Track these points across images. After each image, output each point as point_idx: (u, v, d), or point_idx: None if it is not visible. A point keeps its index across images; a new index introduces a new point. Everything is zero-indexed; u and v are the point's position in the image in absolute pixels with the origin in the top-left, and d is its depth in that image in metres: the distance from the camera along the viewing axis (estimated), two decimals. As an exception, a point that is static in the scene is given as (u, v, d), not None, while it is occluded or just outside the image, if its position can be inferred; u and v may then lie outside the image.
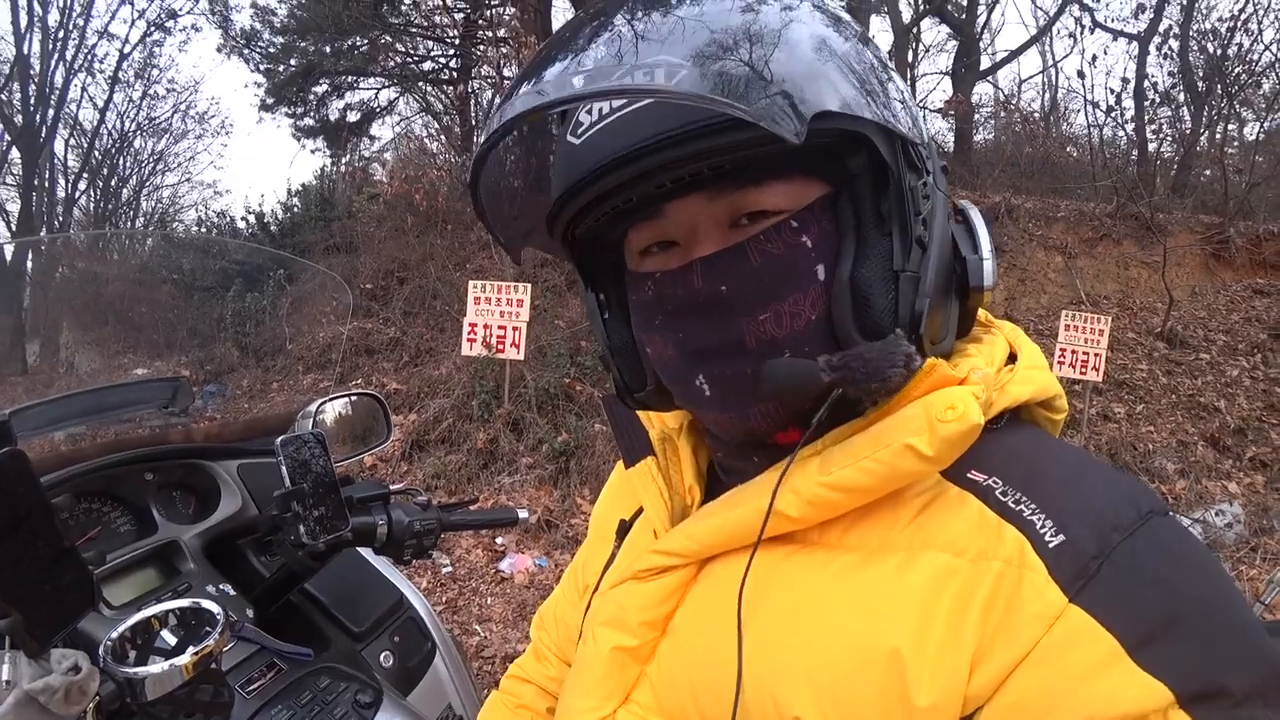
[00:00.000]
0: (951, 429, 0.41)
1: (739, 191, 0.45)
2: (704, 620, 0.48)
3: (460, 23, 9.08)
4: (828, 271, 0.46)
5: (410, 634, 1.14)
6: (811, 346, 0.45)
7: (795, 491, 0.45)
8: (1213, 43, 8.46)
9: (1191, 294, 6.99)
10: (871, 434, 0.44)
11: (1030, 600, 0.38)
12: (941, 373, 0.44)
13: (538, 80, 0.41)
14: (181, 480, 1.14)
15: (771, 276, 0.45)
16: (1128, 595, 0.37)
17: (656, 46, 0.39)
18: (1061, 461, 0.45)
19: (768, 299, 0.46)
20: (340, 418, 1.32)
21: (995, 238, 0.52)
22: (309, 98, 10.41)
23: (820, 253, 0.46)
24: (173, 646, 0.67)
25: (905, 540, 0.43)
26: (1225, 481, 4.68)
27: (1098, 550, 0.39)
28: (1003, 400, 0.47)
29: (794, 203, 0.46)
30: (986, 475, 0.44)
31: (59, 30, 11.23)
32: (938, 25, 10.67)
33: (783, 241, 0.45)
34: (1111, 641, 0.36)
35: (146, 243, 5.36)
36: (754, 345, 0.46)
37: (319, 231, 8.67)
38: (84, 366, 3.43)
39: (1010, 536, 0.40)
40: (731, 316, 0.46)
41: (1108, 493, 0.42)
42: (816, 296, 0.45)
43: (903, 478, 0.43)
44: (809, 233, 0.45)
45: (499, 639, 3.11)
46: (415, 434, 4.86)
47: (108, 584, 0.93)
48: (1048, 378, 0.51)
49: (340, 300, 1.74)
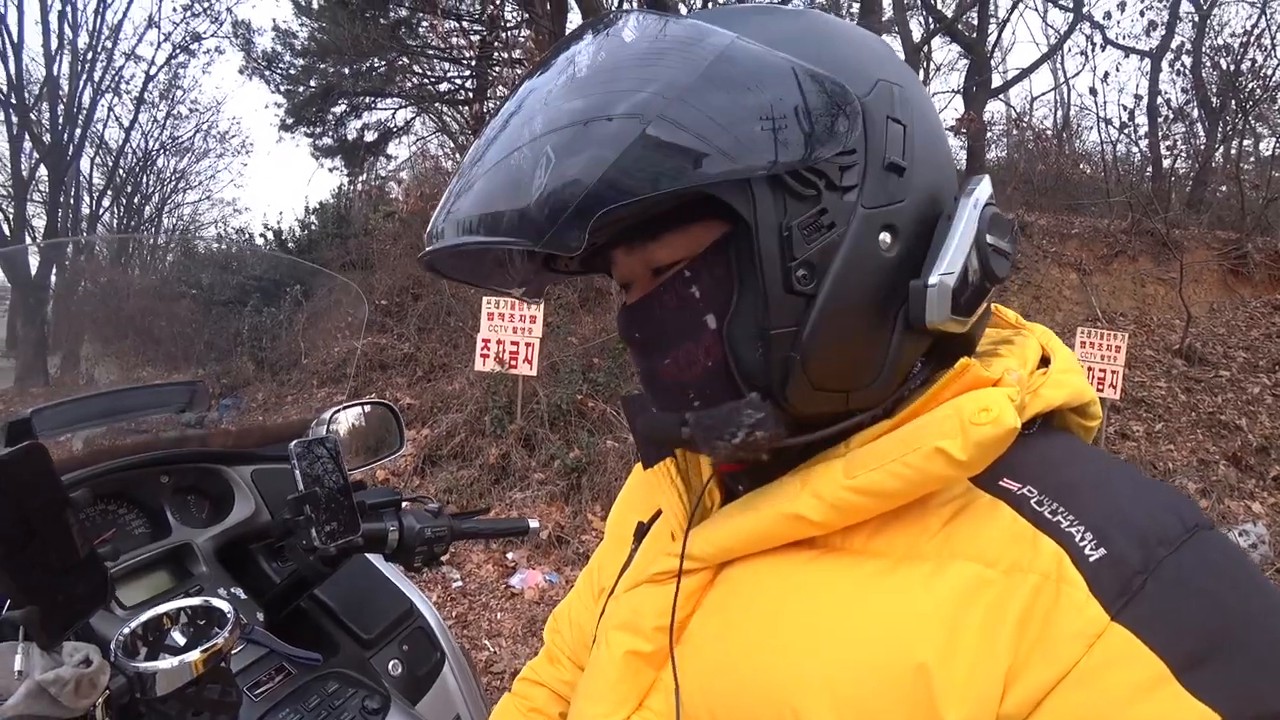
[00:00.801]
0: (985, 432, 0.39)
1: (643, 246, 0.48)
2: (720, 625, 0.48)
3: (476, 44, 9.24)
4: (718, 320, 0.45)
5: (419, 643, 1.14)
6: (712, 390, 0.46)
7: (818, 495, 0.44)
8: (1226, 59, 8.44)
9: (1210, 310, 6.90)
10: (900, 436, 0.43)
11: (1069, 617, 0.36)
12: (974, 374, 0.43)
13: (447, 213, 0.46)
14: (196, 484, 1.15)
15: (665, 328, 0.48)
16: (1174, 614, 0.35)
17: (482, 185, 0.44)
18: (1099, 470, 0.43)
19: (667, 347, 0.48)
20: (354, 427, 1.33)
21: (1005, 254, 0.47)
22: (328, 118, 10.63)
23: (709, 302, 0.46)
24: (183, 644, 0.67)
25: (934, 549, 0.42)
26: (1249, 501, 4.58)
27: (1141, 565, 0.37)
28: (1036, 404, 0.45)
29: (691, 249, 0.46)
30: (1020, 483, 0.42)
31: (88, 52, 11.56)
32: (948, 44, 10.74)
33: (675, 294, 0.47)
34: (1157, 663, 0.34)
35: (167, 257, 5.46)
36: (667, 384, 0.49)
37: (336, 248, 8.78)
38: (103, 378, 3.48)
39: (1047, 549, 0.38)
40: (647, 359, 0.50)
41: (1150, 504, 0.40)
42: (710, 345, 0.46)
43: (933, 483, 0.41)
44: (699, 282, 0.46)
45: (509, 654, 3.08)
46: (428, 449, 4.88)
47: (121, 585, 0.94)
48: (1082, 382, 0.49)
49: (356, 313, 1.76)
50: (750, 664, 0.44)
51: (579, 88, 0.42)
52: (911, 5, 9.64)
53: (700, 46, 0.41)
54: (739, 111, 0.39)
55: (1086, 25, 9.61)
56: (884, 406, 0.47)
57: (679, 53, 0.41)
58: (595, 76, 0.42)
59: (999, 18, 10.31)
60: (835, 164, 0.42)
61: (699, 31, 0.42)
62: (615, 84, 0.41)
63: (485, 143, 0.46)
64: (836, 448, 0.46)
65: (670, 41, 0.41)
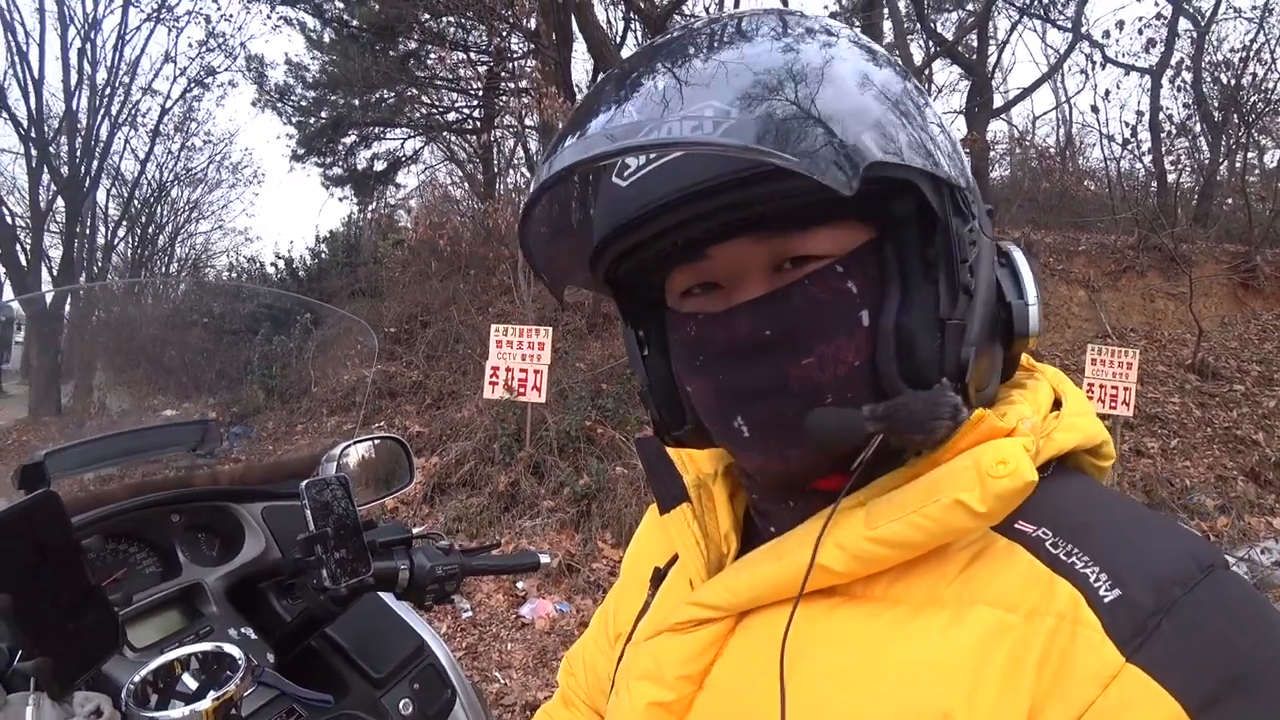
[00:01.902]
0: (1004, 485, 0.40)
1: (784, 236, 0.45)
2: (743, 675, 0.47)
3: (483, 75, 9.42)
4: (872, 318, 0.45)
5: (430, 681, 1.12)
6: (855, 392, 0.45)
7: (840, 545, 0.44)
8: (1226, 73, 8.48)
9: (1221, 324, 6.85)
10: (919, 487, 0.43)
11: (1085, 658, 0.36)
12: (990, 424, 0.43)
13: (583, 133, 0.41)
14: (207, 522, 1.15)
15: (815, 321, 0.45)
16: (1190, 654, 0.35)
17: (702, 92, 0.39)
18: (1113, 512, 0.44)
19: (812, 344, 0.45)
20: (363, 461, 1.33)
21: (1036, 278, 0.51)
22: (338, 148, 10.82)
23: (865, 298, 0.45)
24: (194, 690, 0.66)
25: (953, 594, 0.42)
26: (1269, 517, 4.50)
27: (1156, 605, 0.37)
28: (1049, 449, 0.45)
29: (839, 248, 0.45)
30: (1035, 526, 0.42)
31: (106, 87, 11.82)
32: (949, 66, 10.84)
33: (827, 286, 0.45)
34: (1173, 704, 0.34)
35: (179, 288, 5.53)
36: (797, 390, 0.45)
37: (345, 277, 8.88)
38: (115, 407, 3.51)
39: (1063, 591, 0.38)
40: (775, 360, 0.46)
41: (1164, 545, 0.40)
42: (861, 342, 0.45)
43: (953, 534, 0.41)
44: (854, 278, 0.45)
45: (519, 686, 3.04)
46: (437, 476, 4.87)
47: (132, 626, 0.94)
48: (1094, 424, 0.49)
49: (365, 344, 1.76)
50: (773, 715, 0.43)
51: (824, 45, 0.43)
52: (912, 29, 9.76)
53: (889, 60, 0.46)
54: (934, 125, 0.45)
55: (1085, 44, 9.69)
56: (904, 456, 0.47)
57: (877, 57, 0.46)
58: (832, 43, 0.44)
59: (998, 39, 10.43)
60: (968, 195, 0.46)
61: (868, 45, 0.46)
62: (866, 56, 0.44)
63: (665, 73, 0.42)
64: (857, 494, 0.46)
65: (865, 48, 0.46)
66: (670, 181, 0.44)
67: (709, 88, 0.39)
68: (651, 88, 0.41)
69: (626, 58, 0.48)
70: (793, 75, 0.39)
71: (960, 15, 10.04)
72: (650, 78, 0.42)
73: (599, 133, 0.40)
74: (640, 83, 0.42)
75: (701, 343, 0.49)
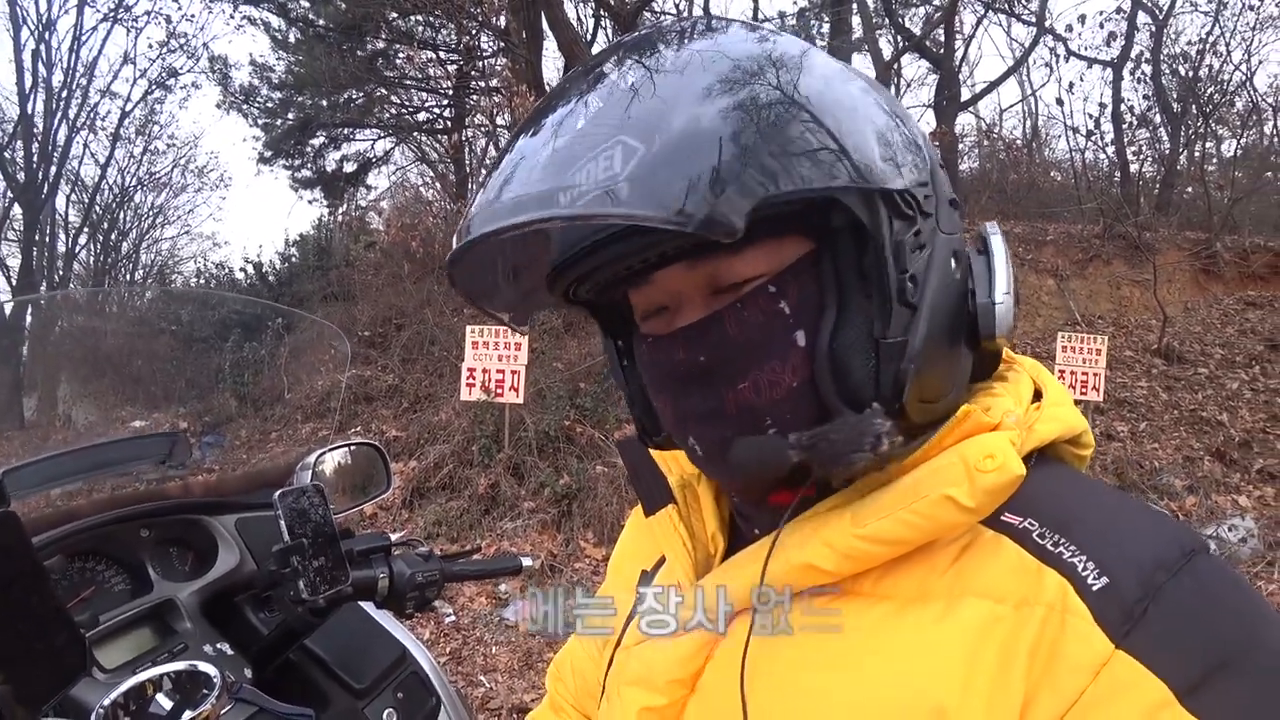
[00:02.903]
0: (992, 480, 0.40)
1: (715, 260, 0.44)
2: (735, 678, 0.46)
3: (453, 74, 9.31)
4: (808, 337, 0.44)
5: (414, 690, 1.11)
6: (794, 414, 0.44)
7: (829, 544, 0.44)
8: (1184, 66, 8.70)
9: (1185, 310, 7.03)
10: (906, 485, 0.43)
11: (1075, 648, 0.37)
12: (975, 420, 0.44)
13: (495, 198, 0.41)
14: (178, 536, 1.12)
15: (748, 345, 0.44)
16: (1176, 639, 0.36)
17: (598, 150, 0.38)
18: (1097, 501, 0.44)
19: (746, 368, 0.44)
20: (340, 468, 1.31)
21: None
22: (306, 150, 10.62)
23: (799, 318, 0.44)
24: (168, 711, 0.65)
25: (944, 587, 0.42)
26: (1235, 495, 4.63)
27: (1142, 592, 0.37)
28: (1031, 440, 0.46)
29: (773, 265, 0.44)
30: (1022, 518, 0.43)
31: (62, 90, 11.49)
32: (918, 60, 10.97)
33: (759, 308, 0.44)
34: (1161, 688, 0.35)
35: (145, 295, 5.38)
36: (734, 413, 0.45)
37: (317, 280, 8.73)
38: (81, 420, 3.40)
39: (1052, 581, 0.39)
40: (712, 385, 0.46)
41: (1148, 532, 0.41)
42: (797, 364, 0.44)
43: (942, 530, 0.42)
44: (786, 297, 0.44)
45: (505, 689, 3.03)
46: (416, 481, 4.82)
47: (101, 646, 0.91)
48: (1074, 414, 0.50)
49: (339, 349, 1.73)
50: (769, 713, 0.44)
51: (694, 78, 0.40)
52: (880, 24, 9.86)
53: (818, 59, 0.43)
54: (869, 129, 0.42)
55: (1049, 38, 9.88)
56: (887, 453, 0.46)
57: (809, 59, 0.43)
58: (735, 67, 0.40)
59: (965, 33, 10.57)
60: (921, 191, 0.44)
61: (806, 48, 0.44)
62: (762, 77, 0.40)
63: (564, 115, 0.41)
64: (845, 492, 0.46)
65: (794, 50, 0.43)
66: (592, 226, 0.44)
67: (603, 145, 0.38)
68: (558, 142, 0.40)
69: (557, 84, 0.48)
70: (693, 118, 0.38)
71: (928, 10, 10.16)
72: (560, 124, 0.41)
73: (505, 204, 0.40)
74: (550, 130, 0.42)
75: (655, 363, 0.49)
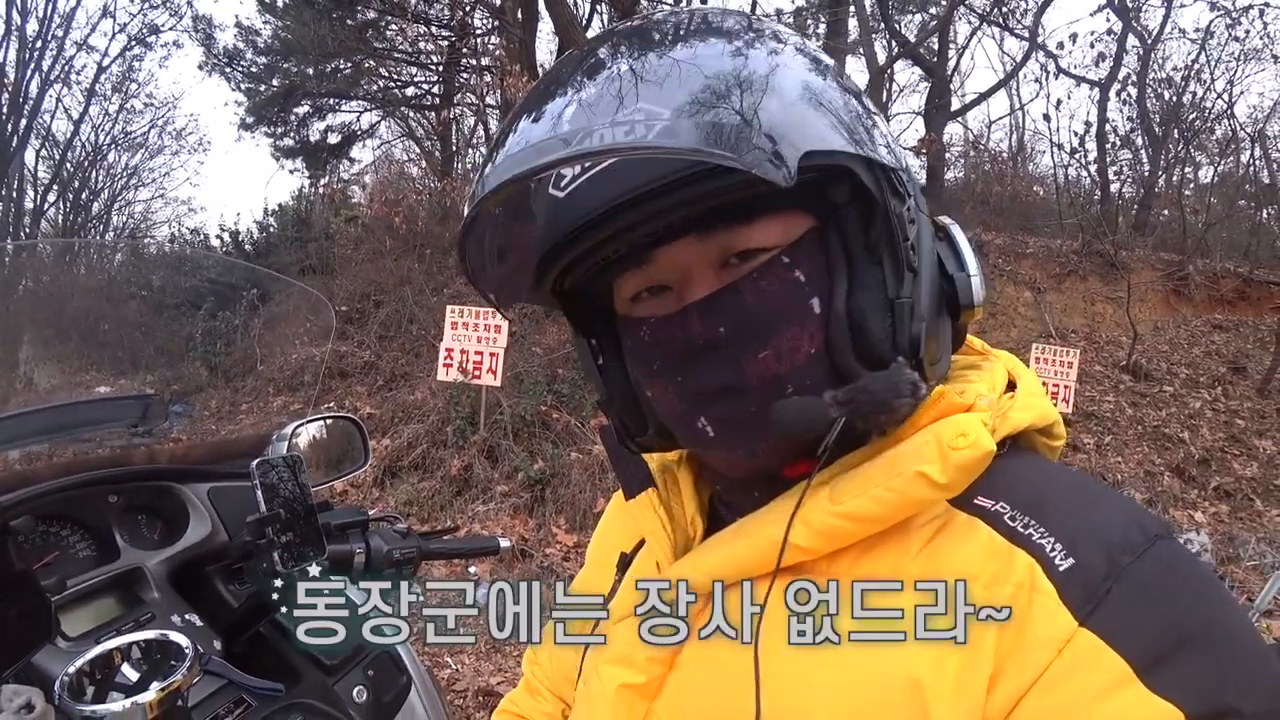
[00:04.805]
0: (964, 456, 0.41)
1: (728, 231, 0.45)
2: (714, 654, 0.47)
3: (444, 50, 9.15)
4: (823, 304, 0.45)
5: (385, 668, 1.09)
6: (813, 380, 0.45)
7: (805, 522, 0.45)
8: (1169, 90, 8.88)
9: (1154, 328, 7.21)
10: (881, 462, 0.44)
11: (1041, 624, 0.38)
12: (949, 400, 0.45)
13: (521, 142, 0.41)
14: (148, 503, 1.09)
15: (768, 313, 0.45)
16: (1137, 618, 0.38)
17: (633, 96, 0.39)
18: (1067, 486, 0.46)
19: (766, 336, 0.45)
20: (315, 441, 1.28)
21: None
22: (290, 118, 10.38)
23: (813, 286, 0.46)
24: (135, 682, 0.63)
25: (918, 568, 0.43)
26: (1191, 511, 4.78)
27: (1107, 573, 0.39)
28: (1005, 427, 0.47)
29: (783, 238, 0.46)
30: (994, 501, 0.44)
31: (36, 40, 11.09)
32: (911, 67, 11.05)
33: (776, 277, 0.45)
34: (1121, 664, 0.36)
35: (116, 257, 5.24)
36: (756, 383, 0.46)
37: (295, 252, 8.56)
38: (43, 383, 3.31)
39: (1021, 561, 0.40)
40: (731, 357, 0.46)
41: (1115, 516, 0.42)
42: (814, 330, 0.45)
43: (915, 506, 0.43)
44: (800, 267, 0.45)
45: (471, 672, 3.02)
46: (388, 460, 4.77)
47: (64, 613, 0.88)
48: (1047, 405, 0.51)
49: (319, 320, 1.69)
50: (746, 691, 0.44)
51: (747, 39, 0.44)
52: (876, 29, 9.90)
53: (815, 50, 0.47)
54: (864, 112, 0.46)
55: (1040, 54, 10.01)
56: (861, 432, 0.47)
57: (807, 47, 0.46)
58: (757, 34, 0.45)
59: (958, 44, 10.67)
60: (903, 175, 0.47)
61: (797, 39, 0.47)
62: (771, 59, 0.43)
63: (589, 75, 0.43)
64: (822, 473, 0.46)
65: (788, 37, 0.47)
66: (607, 188, 0.44)
67: (640, 91, 0.40)
68: (583, 93, 0.42)
69: (566, 58, 0.48)
70: (725, 76, 0.40)
71: (924, 18, 10.23)
72: (580, 82, 0.43)
73: (534, 144, 0.40)
74: (571, 87, 0.43)
75: (656, 346, 0.49)
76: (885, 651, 0.41)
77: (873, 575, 0.44)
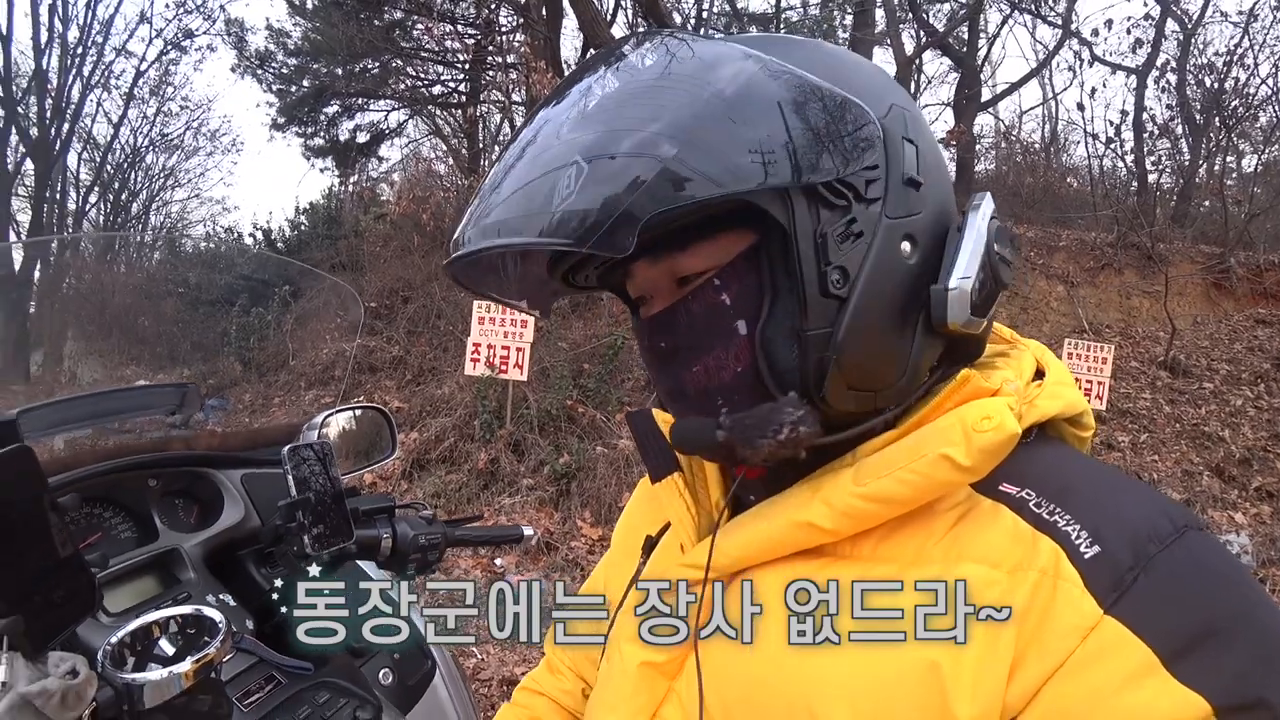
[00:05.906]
0: (988, 439, 0.41)
1: (670, 256, 0.48)
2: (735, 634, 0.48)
3: (470, 48, 9.23)
4: (749, 326, 0.47)
5: (411, 653, 1.12)
6: (741, 396, 0.47)
7: (829, 503, 0.45)
8: (1210, 77, 8.58)
9: (1193, 323, 6.99)
10: (906, 445, 0.44)
11: (1065, 611, 0.38)
12: (975, 384, 0.45)
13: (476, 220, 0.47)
14: (185, 488, 1.13)
15: (695, 334, 0.48)
16: (1164, 607, 0.37)
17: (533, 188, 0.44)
18: (1093, 475, 0.46)
19: (696, 354, 0.48)
20: (345, 431, 1.31)
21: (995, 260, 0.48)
22: (320, 118, 10.57)
23: (741, 308, 0.47)
24: (171, 654, 0.65)
25: (941, 553, 0.43)
26: (1232, 512, 4.63)
27: (1134, 561, 0.38)
28: (1032, 415, 0.47)
29: (720, 259, 0.47)
30: (1019, 487, 0.44)
31: (77, 46, 11.44)
32: (939, 57, 10.84)
33: (704, 301, 0.48)
34: (1147, 653, 0.36)
35: (154, 255, 5.39)
36: (693, 395, 0.49)
37: (325, 249, 8.71)
38: (86, 377, 3.42)
39: (1045, 547, 0.40)
40: (673, 368, 0.50)
41: (1142, 506, 0.42)
42: (740, 350, 0.47)
43: (939, 488, 0.43)
44: (729, 290, 0.47)
45: (496, 661, 3.06)
46: (416, 453, 4.84)
47: (106, 591, 0.92)
48: (1075, 394, 0.51)
49: (349, 314, 1.73)
50: (766, 670, 0.45)
51: (623, 98, 0.45)
52: (904, 19, 9.73)
53: (736, 64, 0.44)
54: (779, 125, 0.42)
55: (1074, 41, 9.75)
56: (894, 413, 0.48)
57: (720, 69, 0.44)
58: (640, 89, 0.46)
59: (989, 33, 10.45)
60: (862, 177, 0.45)
61: (736, 52, 0.45)
62: (661, 97, 0.44)
63: (515, 156, 0.47)
64: (844, 457, 0.47)
65: (710, 58, 0.45)
66: None
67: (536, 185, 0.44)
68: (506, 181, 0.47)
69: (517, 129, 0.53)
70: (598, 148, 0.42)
71: (953, 6, 10.03)
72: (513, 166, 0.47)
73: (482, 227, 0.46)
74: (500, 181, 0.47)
75: (642, 345, 0.53)
76: None
77: (896, 558, 0.45)
